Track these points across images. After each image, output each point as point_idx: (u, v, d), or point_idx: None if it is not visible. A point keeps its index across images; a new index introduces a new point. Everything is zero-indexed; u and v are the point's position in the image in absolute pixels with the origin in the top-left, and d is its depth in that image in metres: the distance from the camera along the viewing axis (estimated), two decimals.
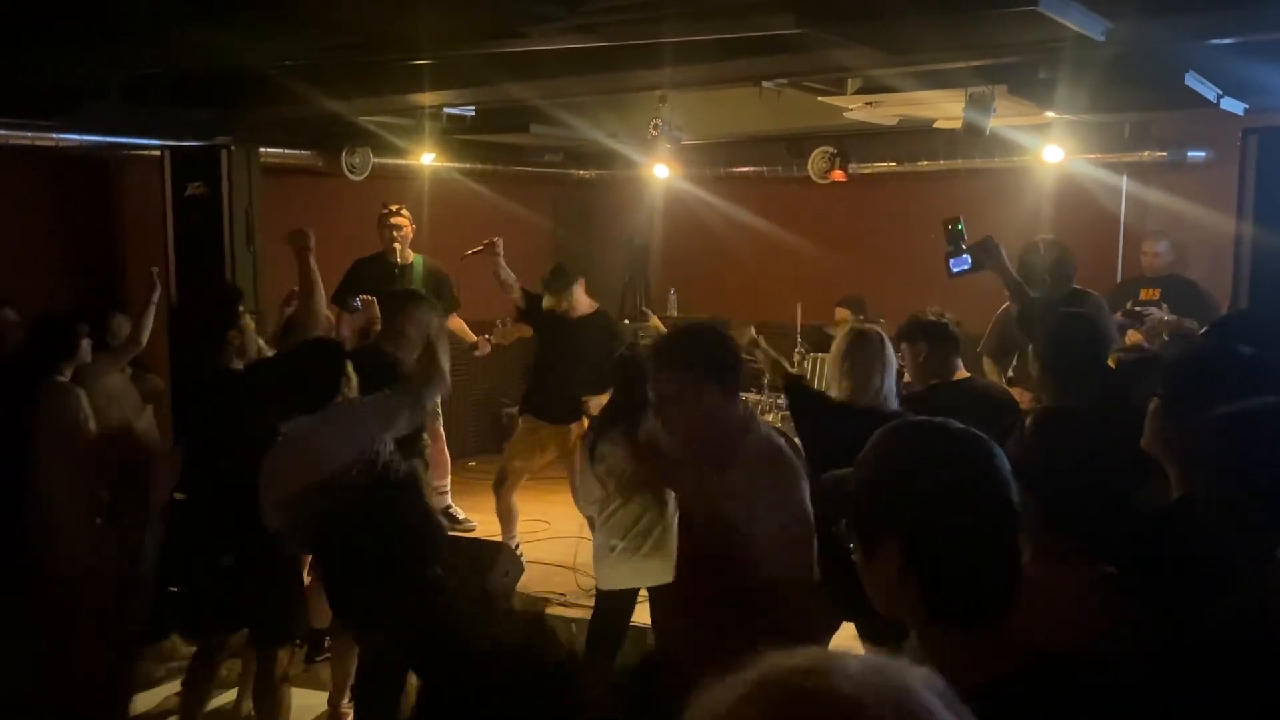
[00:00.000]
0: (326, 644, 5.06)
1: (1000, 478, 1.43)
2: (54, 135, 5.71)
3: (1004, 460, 1.45)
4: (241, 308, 4.63)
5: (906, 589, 1.42)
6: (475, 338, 6.52)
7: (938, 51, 4.28)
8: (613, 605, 4.28)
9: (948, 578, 1.41)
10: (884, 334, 3.89)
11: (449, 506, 6.58)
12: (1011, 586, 1.43)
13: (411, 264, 6.33)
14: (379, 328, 5.02)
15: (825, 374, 4.63)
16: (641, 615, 4.35)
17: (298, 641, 5.06)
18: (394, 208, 6.36)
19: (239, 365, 4.38)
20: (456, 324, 6.36)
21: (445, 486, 6.56)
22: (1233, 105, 5.35)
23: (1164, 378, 2.26)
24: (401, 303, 4.75)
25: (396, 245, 6.25)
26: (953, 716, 0.86)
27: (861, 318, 7.63)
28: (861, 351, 3.79)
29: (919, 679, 0.87)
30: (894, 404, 3.78)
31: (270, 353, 4.88)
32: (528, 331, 6.27)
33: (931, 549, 1.41)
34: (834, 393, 3.92)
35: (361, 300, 5.65)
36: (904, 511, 1.42)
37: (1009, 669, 1.37)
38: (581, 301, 5.92)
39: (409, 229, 6.32)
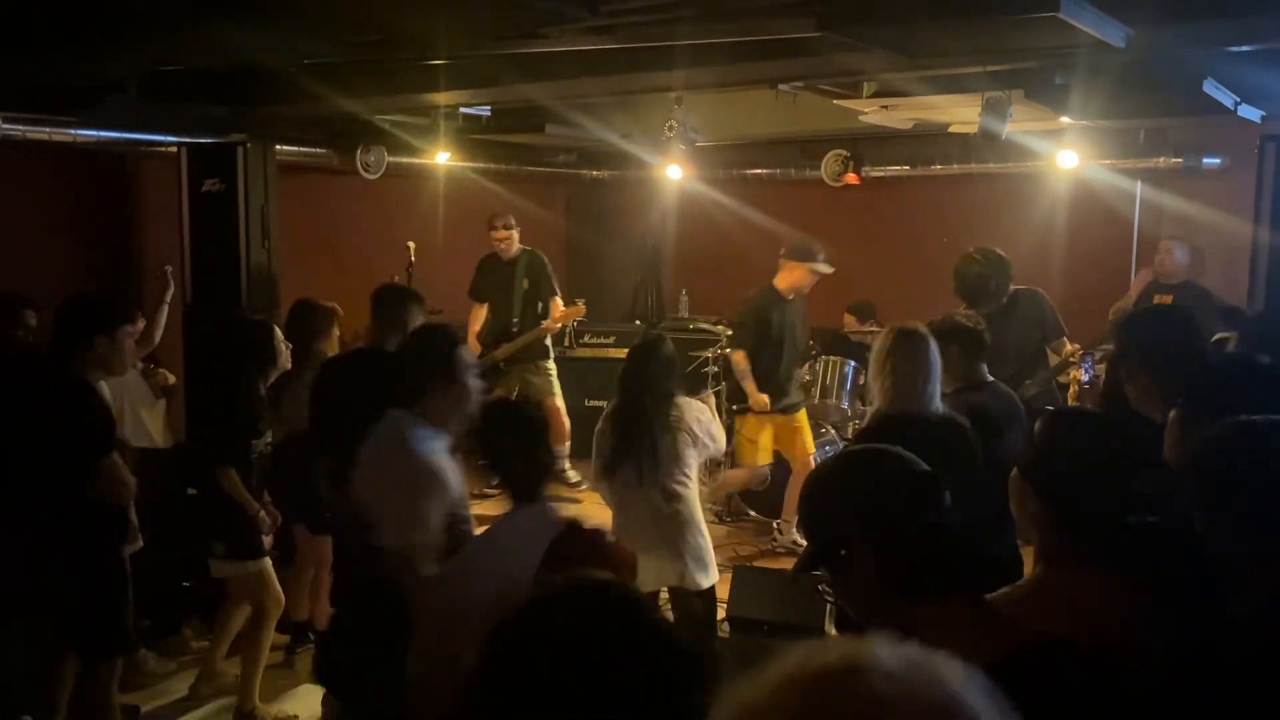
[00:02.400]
0: (311, 637, 5.09)
1: (915, 473, 1.71)
2: (71, 131, 5.73)
3: (911, 462, 1.72)
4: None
5: (878, 585, 1.61)
6: (568, 315, 7.42)
7: (956, 56, 4.28)
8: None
9: (910, 555, 1.61)
10: (928, 335, 3.63)
11: (564, 469, 7.33)
12: (968, 553, 1.65)
13: (516, 258, 7.43)
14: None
15: (866, 374, 4.59)
16: None
17: (311, 638, 5.10)
18: (497, 223, 7.39)
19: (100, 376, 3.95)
20: (554, 307, 7.37)
21: (564, 451, 7.39)
22: (1250, 112, 5.33)
23: (1184, 388, 2.26)
24: (397, 298, 4.67)
25: (501, 250, 7.39)
26: (998, 716, 0.83)
27: (869, 322, 7.64)
28: (904, 352, 3.54)
29: (961, 678, 0.84)
30: (937, 405, 3.54)
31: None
32: (581, 311, 7.48)
33: (892, 540, 1.62)
34: (874, 393, 3.69)
35: None
36: (865, 522, 1.64)
37: (1002, 651, 1.39)
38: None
39: (508, 236, 7.38)
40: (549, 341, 7.49)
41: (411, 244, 6.82)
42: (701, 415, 4.25)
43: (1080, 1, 3.37)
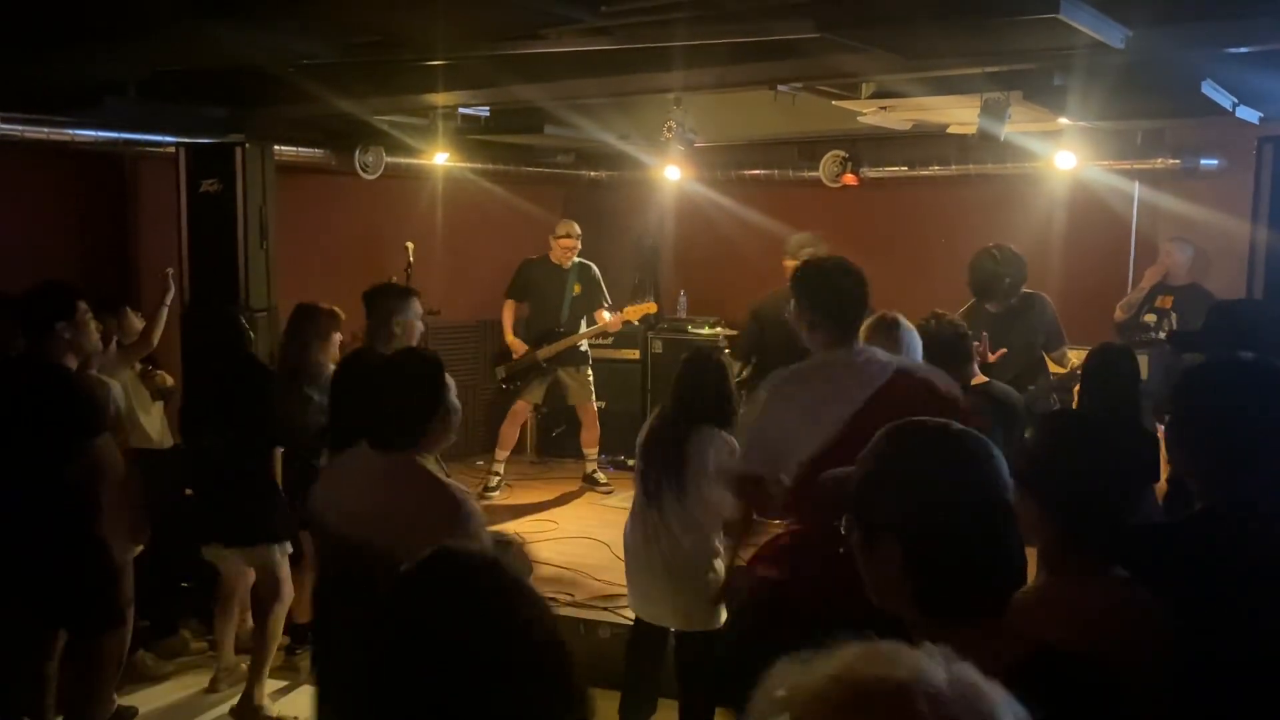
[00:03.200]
0: (309, 637, 5.09)
1: (998, 479, 1.47)
2: (69, 131, 5.72)
3: (1001, 461, 1.48)
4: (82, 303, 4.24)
5: (904, 585, 1.46)
6: (616, 323, 7.57)
7: (955, 57, 4.28)
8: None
9: (945, 576, 1.45)
10: (903, 320, 3.78)
11: (594, 472, 7.72)
12: (1007, 587, 1.46)
13: (572, 265, 7.56)
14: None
15: None
16: None
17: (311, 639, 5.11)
18: (564, 231, 7.52)
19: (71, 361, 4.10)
20: (600, 315, 7.54)
21: (594, 454, 7.72)
22: (1248, 114, 5.34)
23: (1175, 393, 2.26)
24: (386, 299, 4.66)
25: (562, 257, 7.50)
26: None
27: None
28: (882, 339, 3.66)
29: (1003, 705, 0.85)
30: None
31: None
32: (653, 307, 7.76)
33: (930, 547, 1.44)
34: None
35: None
36: (904, 510, 1.46)
37: (1007, 662, 1.38)
38: None
39: (574, 246, 7.52)
40: (588, 349, 7.54)
41: (410, 244, 6.81)
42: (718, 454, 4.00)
43: (1079, 2, 3.37)
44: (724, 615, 4.07)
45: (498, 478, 7.53)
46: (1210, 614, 1.80)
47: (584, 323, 7.54)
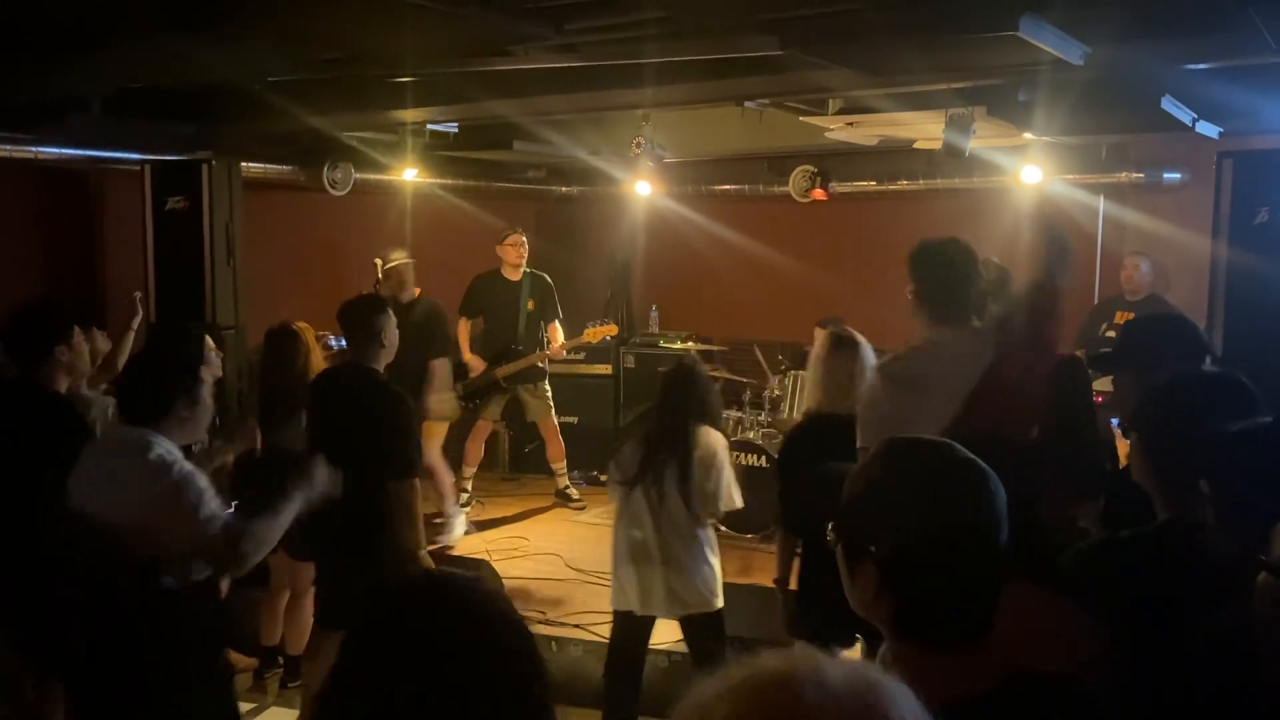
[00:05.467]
0: (302, 670, 5.03)
1: (988, 511, 1.43)
2: (33, 148, 5.66)
3: (999, 494, 1.44)
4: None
5: (881, 606, 1.44)
6: (566, 345, 7.47)
7: (919, 74, 4.32)
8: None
9: (920, 604, 1.42)
10: (861, 339, 3.96)
11: (566, 488, 7.66)
12: (986, 619, 1.43)
13: (522, 278, 7.44)
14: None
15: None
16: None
17: (280, 662, 5.05)
18: (511, 234, 7.45)
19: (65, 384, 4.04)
20: (553, 330, 7.44)
21: (563, 469, 7.66)
22: (1208, 129, 5.42)
23: (1142, 409, 2.29)
24: (373, 313, 4.47)
25: (516, 261, 7.40)
26: None
27: None
28: (836, 357, 3.89)
29: (898, 700, 0.88)
30: None
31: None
32: (613, 329, 7.61)
33: (906, 575, 1.42)
34: (808, 394, 4.03)
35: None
36: (884, 536, 1.44)
37: (981, 689, 1.38)
38: None
39: (523, 242, 7.42)
40: (546, 365, 7.49)
41: (379, 261, 6.79)
42: (723, 458, 4.23)
43: (1039, 21, 3.41)
44: (721, 600, 4.27)
45: (466, 494, 7.50)
46: (1163, 628, 1.81)
47: (542, 336, 7.48)
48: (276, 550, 4.81)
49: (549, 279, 7.57)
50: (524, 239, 7.45)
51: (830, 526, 1.52)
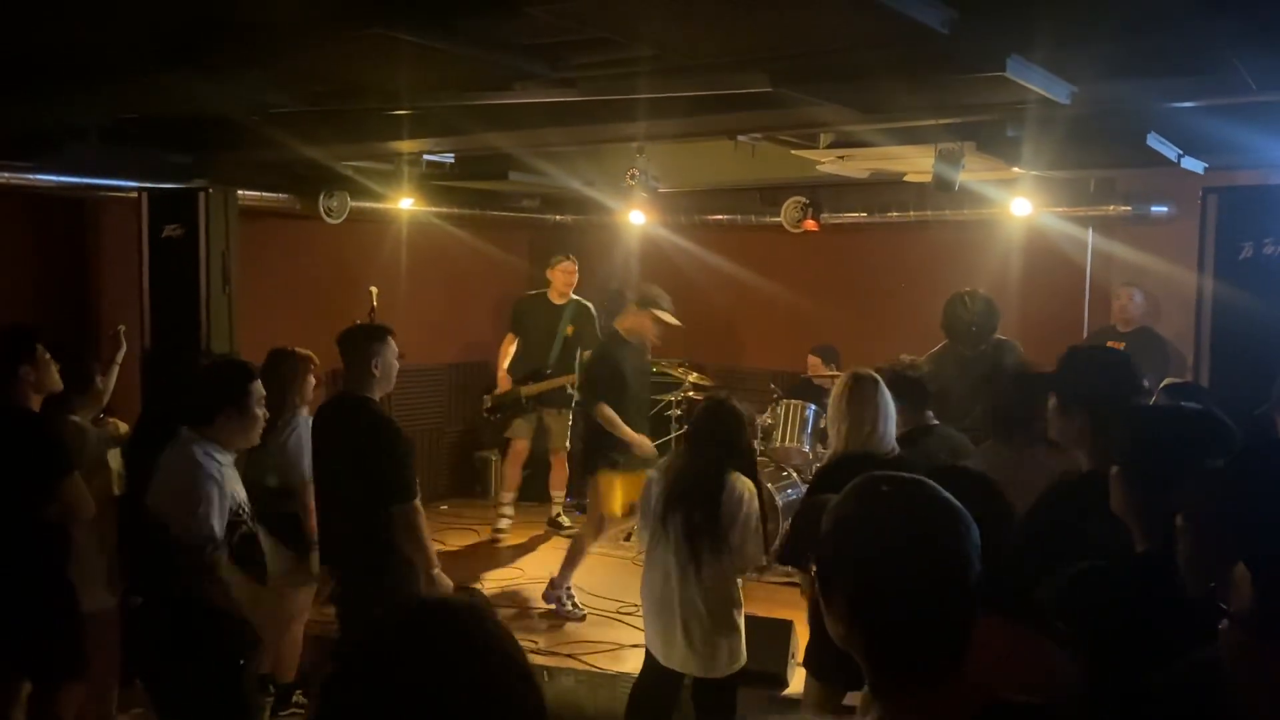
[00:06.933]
0: (295, 698, 5.03)
1: (958, 550, 1.45)
2: (30, 176, 5.70)
3: (971, 532, 1.46)
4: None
5: (853, 639, 1.48)
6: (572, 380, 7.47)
7: (908, 111, 4.38)
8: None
9: (887, 638, 1.45)
10: (881, 380, 3.94)
11: (558, 515, 7.82)
12: (956, 652, 1.45)
13: (566, 304, 7.71)
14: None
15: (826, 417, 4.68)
16: None
17: (271, 690, 5.04)
18: (562, 260, 7.73)
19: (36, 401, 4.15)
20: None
21: (561, 498, 7.84)
22: (1193, 164, 5.49)
23: (1122, 443, 2.33)
24: (368, 341, 4.52)
25: (564, 287, 7.67)
26: None
27: (832, 365, 7.73)
28: (859, 396, 3.87)
29: None
30: (890, 445, 3.86)
31: None
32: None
33: (872, 609, 1.46)
34: (832, 436, 4.01)
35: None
36: (849, 569, 1.47)
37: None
38: None
39: (574, 269, 7.72)
40: (573, 391, 7.48)
41: (374, 289, 6.82)
42: (749, 510, 4.06)
43: (1026, 61, 3.47)
44: (743, 662, 4.14)
45: (506, 520, 7.62)
46: (1138, 660, 1.84)
47: (575, 363, 7.53)
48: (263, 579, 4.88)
49: (593, 309, 7.74)
50: (575, 266, 7.70)
51: (812, 560, 1.55)
